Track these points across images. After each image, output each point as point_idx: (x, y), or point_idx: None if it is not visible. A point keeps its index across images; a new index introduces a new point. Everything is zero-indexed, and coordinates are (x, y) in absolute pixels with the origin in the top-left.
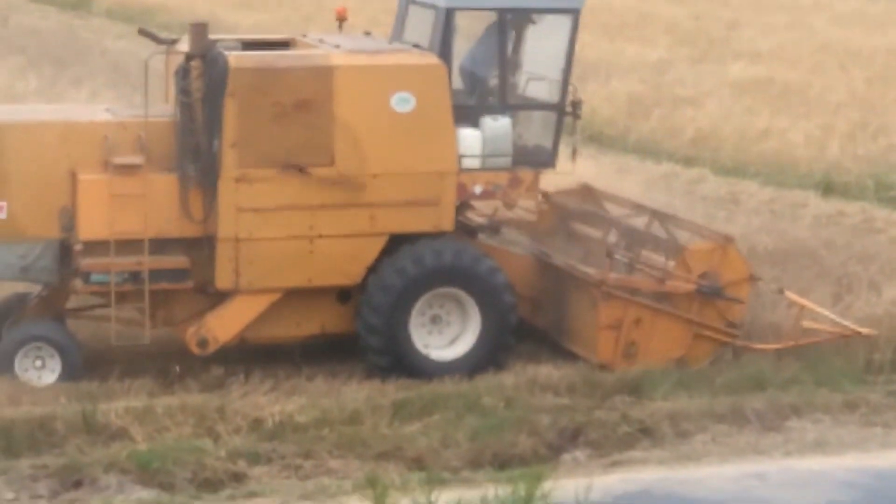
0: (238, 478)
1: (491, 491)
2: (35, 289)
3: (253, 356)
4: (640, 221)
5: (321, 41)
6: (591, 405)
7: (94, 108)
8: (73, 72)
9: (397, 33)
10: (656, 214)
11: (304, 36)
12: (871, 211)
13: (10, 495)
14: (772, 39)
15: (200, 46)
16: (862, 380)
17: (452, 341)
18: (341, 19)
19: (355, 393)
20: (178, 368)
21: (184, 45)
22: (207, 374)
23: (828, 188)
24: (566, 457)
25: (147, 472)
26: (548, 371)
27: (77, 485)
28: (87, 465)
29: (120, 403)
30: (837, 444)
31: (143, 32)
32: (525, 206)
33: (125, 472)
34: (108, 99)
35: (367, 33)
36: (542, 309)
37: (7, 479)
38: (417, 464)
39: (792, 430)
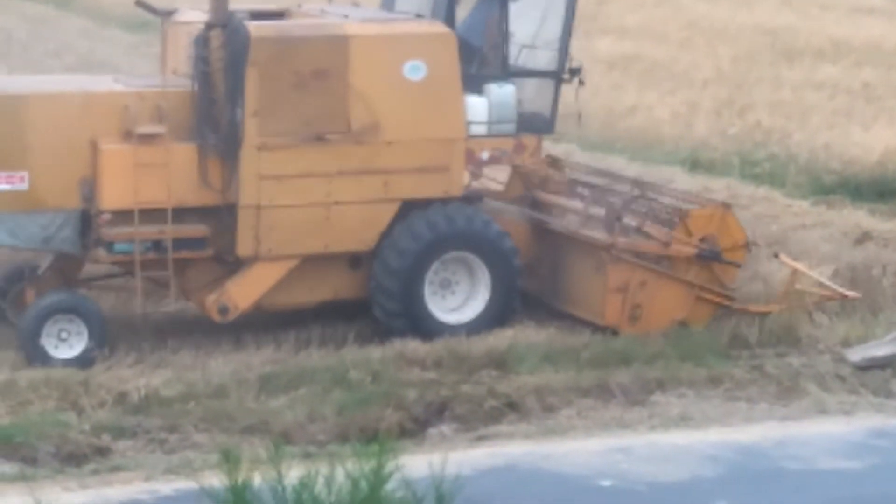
0: (102, 452)
1: (354, 465)
2: (33, 261)
3: (117, 329)
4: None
5: (322, 11)
6: (458, 379)
7: (103, 79)
8: None
9: (388, 4)
10: (635, 183)
11: (300, 6)
12: (736, 187)
13: None
14: (639, 15)
15: (221, 16)
16: (726, 355)
17: (461, 304)
18: None
19: (221, 367)
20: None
21: (181, 16)
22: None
23: (694, 164)
24: (432, 431)
25: (10, 446)
26: (415, 345)
27: None
28: None
29: None
30: (701, 419)
31: (141, 4)
32: (491, 177)
33: None
34: None
35: (356, 4)
36: (537, 274)
37: None
38: (284, 438)
39: (656, 404)
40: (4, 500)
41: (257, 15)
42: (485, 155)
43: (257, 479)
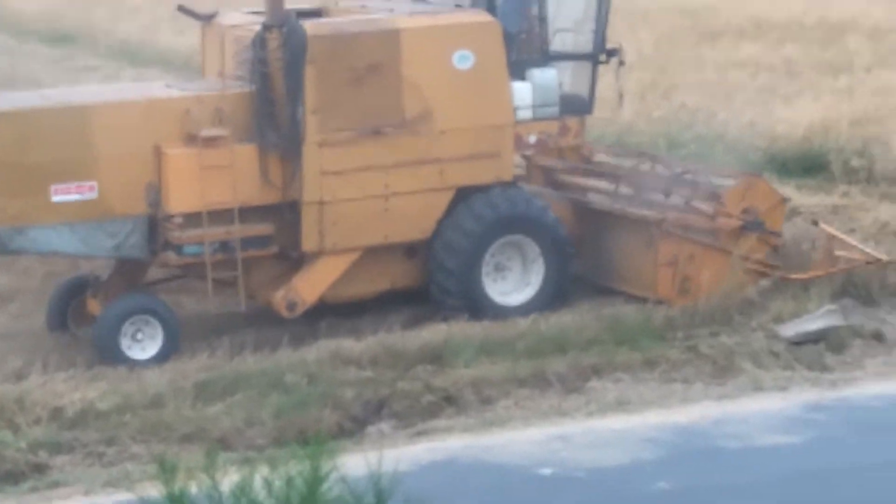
0: (40, 469)
1: (291, 467)
2: (90, 271)
3: (56, 342)
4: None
5: (363, 7)
6: (395, 376)
7: (156, 85)
8: None
9: None
10: (654, 158)
11: (337, 3)
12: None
13: None
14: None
15: (277, 17)
16: (660, 337)
17: (516, 287)
18: None
19: (156, 376)
20: None
21: (223, 19)
22: (4, 364)
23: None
24: (371, 429)
25: None
26: (349, 344)
27: None
28: None
29: None
30: (639, 403)
31: (182, 9)
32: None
33: None
34: None
35: None
36: (581, 253)
37: None
38: (222, 444)
39: (593, 390)
40: None
41: (299, 14)
42: (532, 138)
43: (195, 488)
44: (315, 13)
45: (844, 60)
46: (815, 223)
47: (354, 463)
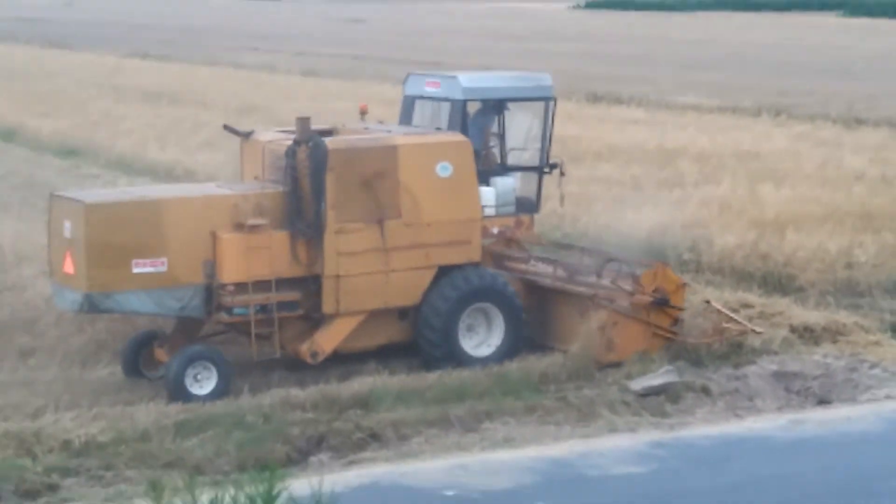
0: (53, 488)
1: (252, 488)
2: (154, 328)
3: (65, 388)
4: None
5: (366, 128)
6: (331, 417)
7: (208, 185)
8: None
9: (405, 121)
10: (583, 250)
11: (343, 125)
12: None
13: None
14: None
15: (305, 135)
16: (537, 389)
17: (483, 343)
18: (364, 113)
19: (144, 416)
20: None
21: (258, 136)
22: (25, 405)
23: None
24: (313, 459)
25: None
26: (296, 392)
27: None
28: None
29: None
30: (521, 440)
31: (227, 128)
32: None
33: None
34: None
35: (381, 122)
36: (529, 319)
37: None
38: (196, 470)
39: (486, 430)
40: None
41: (318, 132)
42: (495, 230)
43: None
44: (329, 132)
45: (677, 178)
46: (707, 302)
47: (300, 486)
